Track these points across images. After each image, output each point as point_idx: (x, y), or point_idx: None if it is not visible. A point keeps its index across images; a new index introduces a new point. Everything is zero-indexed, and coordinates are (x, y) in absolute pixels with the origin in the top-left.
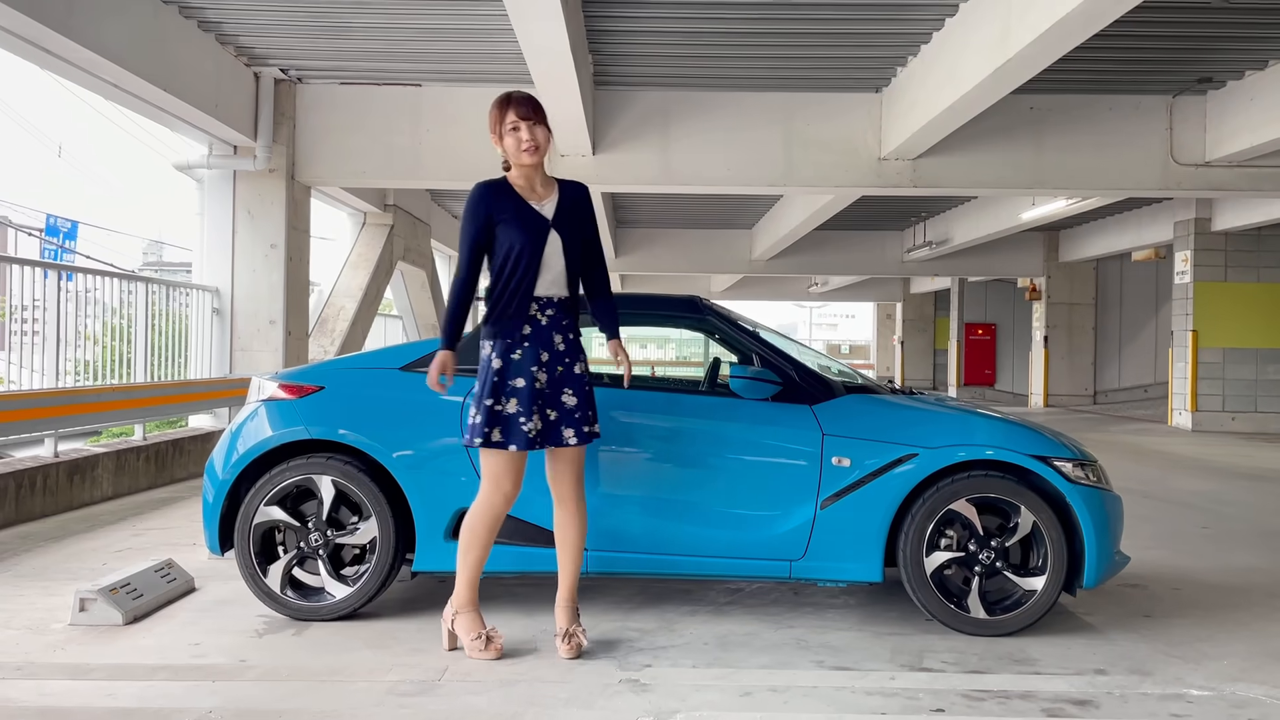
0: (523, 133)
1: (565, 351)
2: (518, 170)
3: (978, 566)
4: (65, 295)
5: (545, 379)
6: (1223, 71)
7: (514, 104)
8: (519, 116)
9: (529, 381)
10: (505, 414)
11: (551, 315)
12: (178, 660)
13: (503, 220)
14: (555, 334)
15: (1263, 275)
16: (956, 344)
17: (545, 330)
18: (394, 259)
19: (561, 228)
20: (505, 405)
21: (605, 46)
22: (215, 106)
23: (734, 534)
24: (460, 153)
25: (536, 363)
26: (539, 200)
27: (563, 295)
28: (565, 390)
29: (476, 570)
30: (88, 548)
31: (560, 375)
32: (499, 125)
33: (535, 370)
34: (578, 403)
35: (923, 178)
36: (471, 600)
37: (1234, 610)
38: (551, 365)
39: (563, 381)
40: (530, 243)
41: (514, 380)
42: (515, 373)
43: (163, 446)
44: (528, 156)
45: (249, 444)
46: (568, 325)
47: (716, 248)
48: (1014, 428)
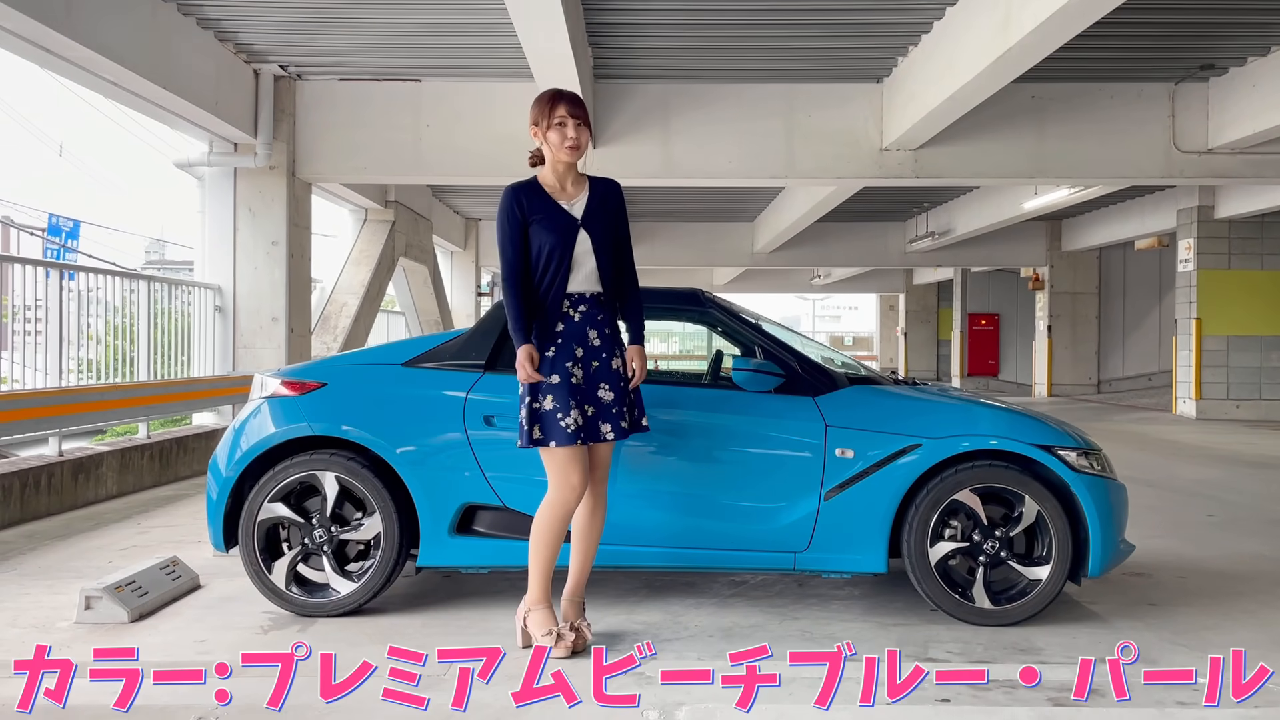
0: (569, 129)
1: (601, 347)
2: (550, 167)
3: (982, 556)
4: (68, 294)
5: (581, 374)
6: (1225, 58)
7: (565, 100)
8: (568, 113)
9: (565, 377)
10: (542, 411)
11: (585, 311)
12: (183, 657)
13: (534, 221)
14: (590, 329)
15: (1266, 263)
16: (960, 334)
17: (579, 326)
18: (396, 255)
19: (591, 225)
20: (542, 402)
21: (605, 39)
22: (215, 104)
23: (738, 526)
24: (461, 148)
25: (572, 358)
26: (569, 199)
27: (596, 291)
28: (601, 385)
29: (548, 567)
30: (93, 546)
31: (596, 371)
32: (546, 118)
33: (570, 366)
34: (614, 398)
35: (924, 168)
36: (542, 597)
37: (1239, 598)
38: (586, 360)
39: (598, 377)
40: (560, 243)
41: (550, 377)
42: (550, 369)
43: (166, 444)
44: (568, 154)
45: (252, 441)
46: (603, 320)
47: (719, 241)
48: (1017, 417)
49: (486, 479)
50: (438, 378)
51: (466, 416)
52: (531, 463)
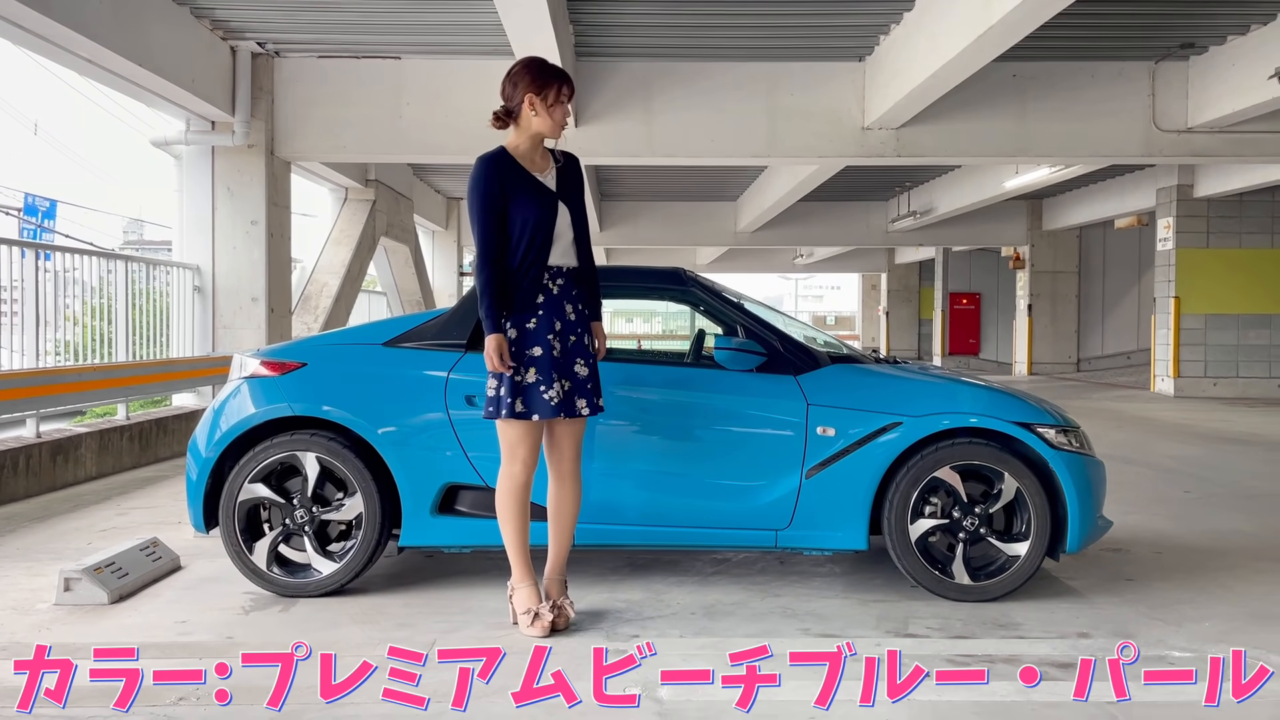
0: (568, 108)
1: (576, 321)
2: (528, 137)
3: (962, 533)
4: (44, 275)
5: (560, 347)
6: (1205, 37)
7: (567, 82)
8: (569, 95)
9: (546, 350)
10: (526, 384)
11: (562, 285)
12: (164, 638)
13: (513, 194)
14: (566, 303)
15: (1244, 241)
16: (941, 313)
17: (557, 300)
18: (377, 235)
19: (567, 199)
20: (525, 375)
21: (585, 16)
22: (192, 81)
23: (720, 504)
24: (442, 126)
25: (552, 331)
26: (540, 172)
27: (572, 265)
28: (577, 360)
29: (517, 544)
30: (72, 527)
31: (573, 345)
32: (545, 93)
33: (551, 339)
34: (589, 373)
35: (906, 147)
36: (523, 575)
37: (1215, 573)
38: (565, 334)
39: (575, 351)
40: (543, 216)
41: (531, 349)
42: (532, 341)
43: (146, 425)
44: (557, 130)
45: (232, 421)
46: (577, 295)
47: (701, 220)
48: (997, 395)
49: (468, 458)
50: (419, 357)
51: (448, 396)
52: None
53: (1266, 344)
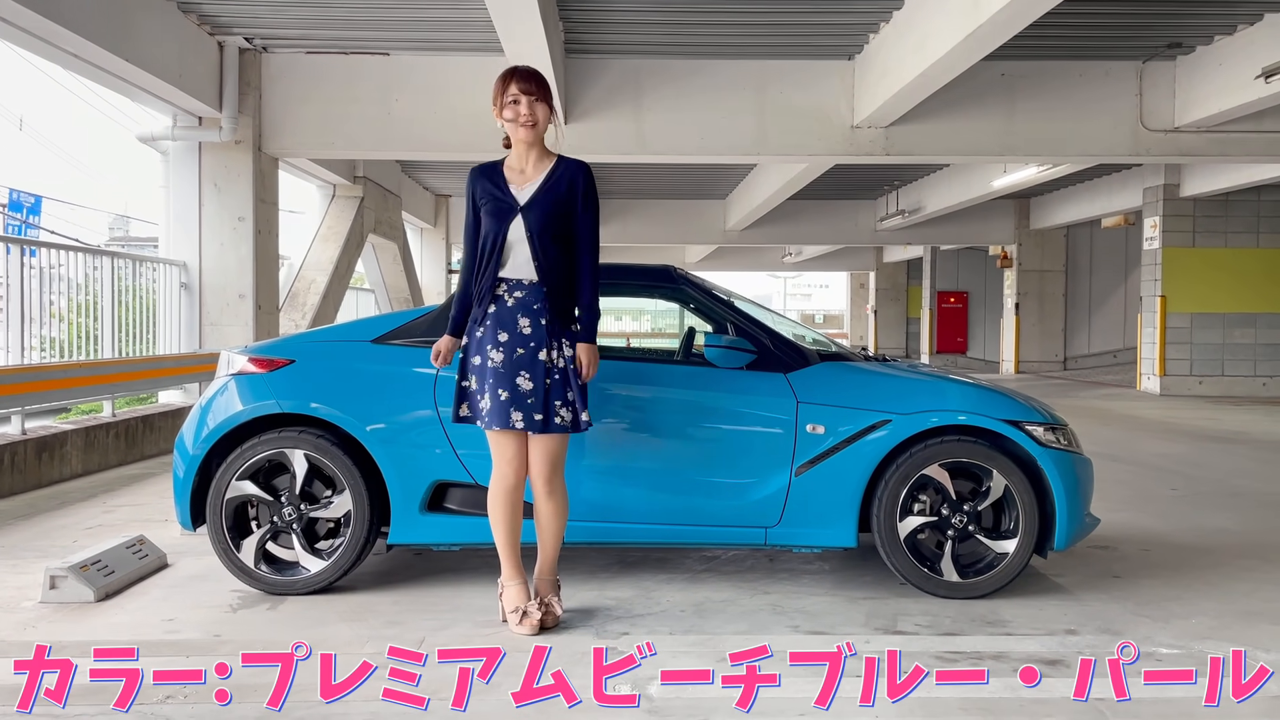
0: (522, 107)
1: (531, 335)
2: (514, 147)
3: (950, 530)
4: (29, 271)
5: (501, 359)
6: (1192, 37)
7: (517, 78)
8: (520, 91)
9: (484, 359)
10: (470, 390)
11: (520, 297)
12: (151, 636)
13: (482, 204)
14: (521, 316)
15: (1230, 240)
16: (929, 312)
17: (510, 311)
18: (365, 231)
19: (532, 211)
20: (470, 381)
21: (576, 13)
22: (178, 76)
23: (709, 502)
24: (430, 122)
25: (494, 342)
26: (525, 181)
27: (533, 279)
28: (521, 373)
29: (506, 543)
30: (57, 525)
31: (519, 358)
32: (499, 98)
33: (490, 349)
34: (533, 388)
35: (895, 145)
36: (512, 573)
37: (1202, 570)
38: (510, 346)
39: (520, 364)
40: (495, 228)
41: (473, 358)
42: (474, 350)
43: (132, 423)
44: (524, 132)
45: (219, 418)
46: (539, 309)
47: (691, 218)
48: (986, 393)
49: (457, 456)
50: (408, 354)
51: (437, 393)
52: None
53: (1252, 343)
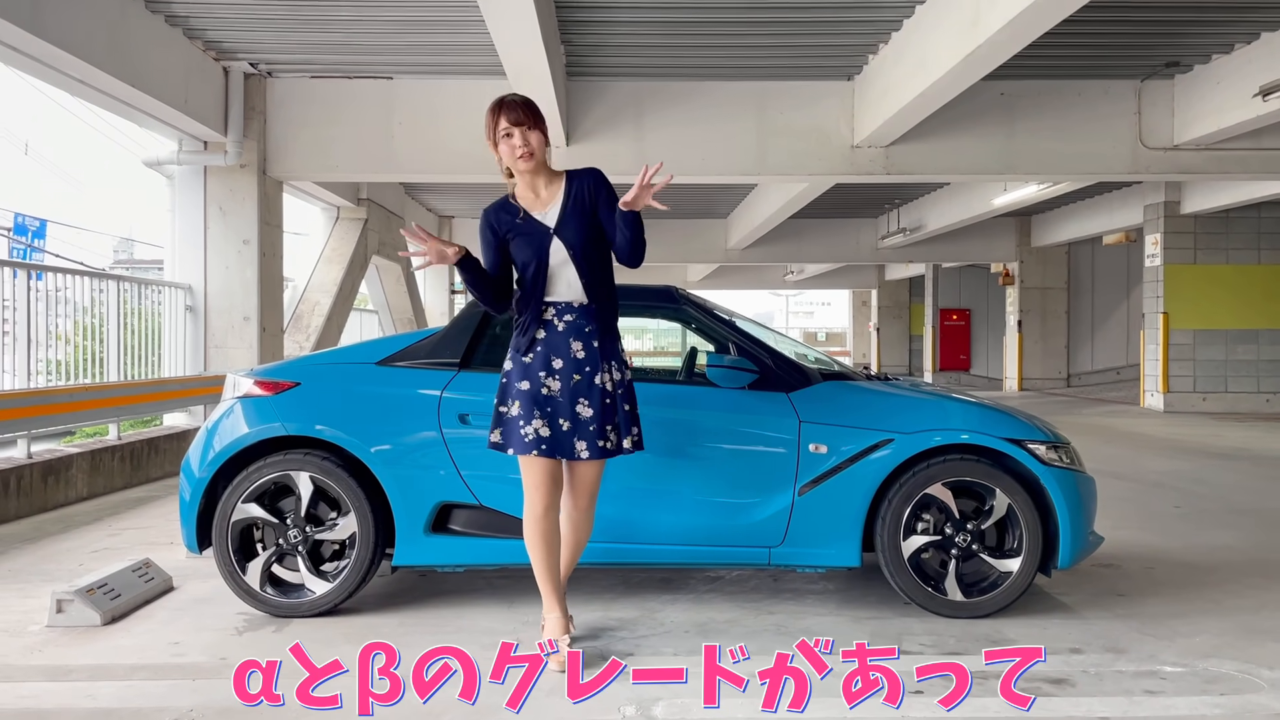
0: (515, 139)
1: (585, 360)
2: (517, 179)
3: (954, 549)
4: (35, 295)
5: (557, 386)
6: (1190, 55)
7: (505, 109)
8: (511, 122)
9: (535, 386)
10: (507, 417)
11: (570, 321)
12: (157, 660)
13: (511, 238)
14: (573, 340)
15: (1231, 257)
16: (931, 330)
17: (562, 336)
18: (368, 253)
19: (566, 229)
20: (509, 408)
21: (577, 37)
22: (184, 101)
23: (713, 522)
24: (434, 145)
25: (547, 369)
26: (544, 206)
27: (583, 301)
28: (580, 401)
29: (542, 573)
30: (63, 549)
31: (576, 385)
32: (492, 132)
33: (544, 376)
34: (593, 414)
35: (895, 165)
36: (552, 603)
37: (1206, 588)
38: (566, 373)
39: (579, 391)
40: (534, 256)
41: (519, 383)
42: (521, 375)
43: (138, 446)
44: (523, 164)
45: (225, 441)
46: (591, 332)
47: (692, 237)
48: (988, 411)
49: (462, 477)
50: (412, 376)
51: (441, 415)
52: (507, 461)
53: (1254, 359)
